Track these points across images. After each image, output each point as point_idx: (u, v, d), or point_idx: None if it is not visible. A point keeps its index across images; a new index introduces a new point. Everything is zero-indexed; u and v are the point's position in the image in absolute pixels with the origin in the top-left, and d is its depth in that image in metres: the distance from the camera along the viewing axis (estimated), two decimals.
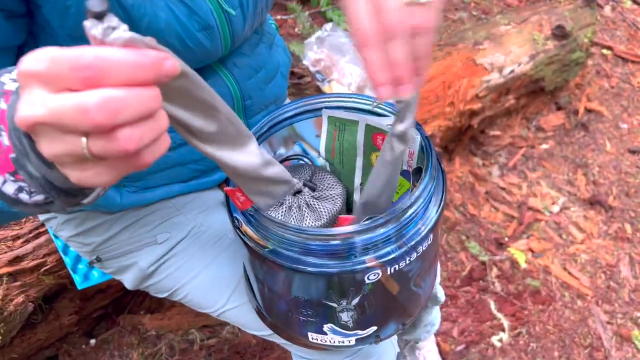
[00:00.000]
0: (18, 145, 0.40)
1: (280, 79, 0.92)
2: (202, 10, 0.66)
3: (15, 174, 0.42)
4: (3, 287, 0.99)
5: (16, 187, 0.43)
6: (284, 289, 0.68)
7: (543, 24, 2.13)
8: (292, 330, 0.74)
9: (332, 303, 0.66)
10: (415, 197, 0.61)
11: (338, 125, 0.75)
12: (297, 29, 2.22)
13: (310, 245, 0.61)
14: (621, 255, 1.98)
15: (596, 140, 2.34)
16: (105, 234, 0.88)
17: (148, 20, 0.62)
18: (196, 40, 0.67)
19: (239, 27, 0.73)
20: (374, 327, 0.70)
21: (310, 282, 0.65)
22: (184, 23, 0.65)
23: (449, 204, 1.95)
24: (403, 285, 0.68)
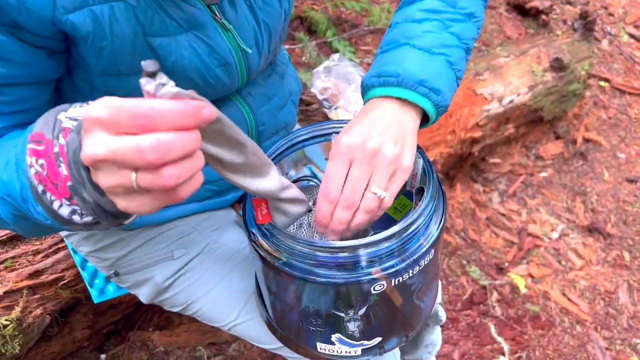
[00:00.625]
0: (76, 175, 0.47)
1: (291, 106, 0.98)
2: (221, 49, 0.73)
3: (71, 199, 0.49)
4: (23, 300, 1.04)
5: (70, 210, 0.50)
6: (295, 299, 0.73)
7: (541, 57, 2.21)
8: (301, 341, 0.79)
9: (340, 313, 0.70)
10: (417, 215, 0.66)
11: None
12: (304, 58, 2.30)
13: (319, 257, 0.66)
14: (620, 282, 2.01)
15: (594, 169, 2.40)
16: (124, 250, 0.93)
17: (174, 58, 0.68)
18: (215, 76, 0.74)
19: (255, 63, 0.79)
20: (378, 338, 0.75)
21: (319, 292, 0.69)
22: (205, 60, 0.71)
23: (450, 229, 2.00)
24: (406, 298, 0.73)
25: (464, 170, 2.07)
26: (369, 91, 0.71)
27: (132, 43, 0.63)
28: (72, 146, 0.47)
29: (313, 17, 2.40)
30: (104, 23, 0.59)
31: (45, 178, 0.49)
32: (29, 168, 0.50)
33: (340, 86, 1.50)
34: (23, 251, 1.08)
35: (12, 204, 0.55)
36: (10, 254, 1.07)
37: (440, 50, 0.69)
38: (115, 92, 0.66)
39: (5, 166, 0.54)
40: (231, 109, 0.85)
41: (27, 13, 0.55)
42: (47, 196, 0.50)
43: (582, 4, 3.31)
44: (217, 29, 0.70)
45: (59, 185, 0.49)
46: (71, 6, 0.56)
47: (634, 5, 3.38)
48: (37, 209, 0.53)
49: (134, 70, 0.66)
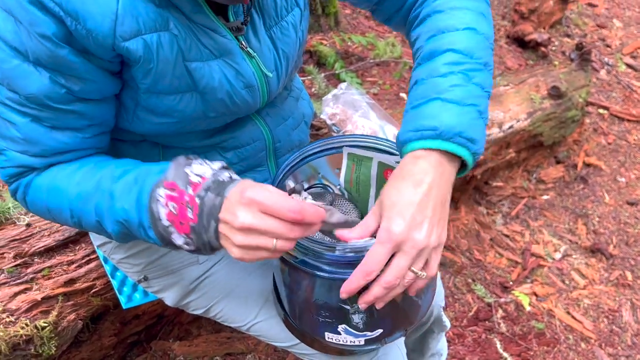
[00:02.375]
0: (205, 224, 0.65)
1: (304, 126, 1.09)
2: (246, 73, 0.84)
3: (188, 235, 0.66)
4: (59, 305, 1.13)
5: (184, 241, 0.67)
6: (308, 293, 0.81)
7: (540, 85, 2.32)
8: (312, 331, 0.87)
9: (346, 306, 0.79)
10: None
11: (356, 161, 0.91)
12: (314, 89, 2.43)
13: (330, 256, 0.75)
14: (623, 301, 2.07)
15: (595, 193, 2.48)
16: (153, 256, 1.02)
17: (206, 80, 0.79)
18: (241, 97, 0.85)
19: (274, 86, 0.90)
20: (380, 330, 0.83)
21: (329, 287, 0.78)
22: (232, 83, 0.82)
23: (455, 249, 2.07)
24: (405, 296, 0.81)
25: (467, 193, 2.16)
26: (407, 145, 0.72)
27: (172, 66, 0.74)
28: (208, 203, 0.65)
29: (322, 51, 2.54)
30: (152, 49, 0.71)
31: (174, 217, 0.66)
32: (162, 207, 0.66)
33: (347, 112, 1.61)
34: (59, 261, 1.18)
35: (126, 226, 0.71)
36: (47, 264, 1.17)
37: (470, 102, 0.71)
38: (155, 108, 0.78)
39: (126, 196, 0.70)
40: (252, 128, 0.96)
41: (94, 41, 0.67)
42: (170, 229, 0.67)
43: (579, 37, 3.45)
44: (243, 56, 0.82)
45: (183, 224, 0.66)
46: (127, 35, 0.68)
47: (630, 37, 3.51)
48: (149, 233, 0.70)
49: (172, 90, 0.77)
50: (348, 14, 3.00)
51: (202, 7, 0.74)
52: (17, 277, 1.13)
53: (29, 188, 0.78)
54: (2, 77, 0.69)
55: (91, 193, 0.73)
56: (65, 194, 0.74)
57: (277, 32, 0.86)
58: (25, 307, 1.09)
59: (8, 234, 1.18)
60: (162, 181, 0.67)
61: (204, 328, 1.51)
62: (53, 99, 0.70)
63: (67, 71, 0.69)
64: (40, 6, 0.63)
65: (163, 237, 0.68)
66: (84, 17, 0.65)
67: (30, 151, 0.74)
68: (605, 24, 3.62)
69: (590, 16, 3.70)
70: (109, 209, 0.72)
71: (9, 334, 1.04)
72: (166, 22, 0.71)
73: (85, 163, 0.77)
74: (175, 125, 0.82)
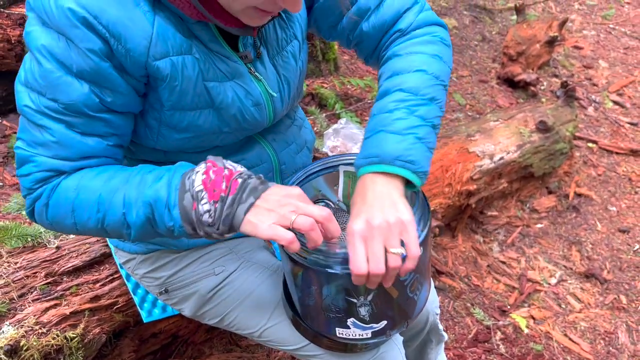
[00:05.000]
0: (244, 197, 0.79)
1: (306, 151, 1.23)
2: (255, 93, 0.99)
3: (215, 203, 0.78)
4: (85, 320, 1.23)
5: (207, 208, 0.78)
6: (317, 290, 0.92)
7: (528, 120, 2.47)
8: (323, 329, 0.97)
9: (353, 299, 0.89)
10: None
11: (351, 177, 1.04)
12: (316, 127, 2.59)
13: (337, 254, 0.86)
14: (618, 324, 2.14)
15: (587, 221, 2.58)
16: (173, 269, 1.13)
17: (221, 98, 0.94)
18: (250, 113, 0.99)
19: (279, 105, 1.05)
20: (385, 322, 0.93)
21: (337, 283, 0.89)
22: (243, 101, 0.97)
23: (454, 276, 2.17)
24: (401, 291, 0.92)
25: (463, 222, 2.27)
26: (360, 169, 0.89)
27: (194, 84, 0.89)
28: (253, 184, 0.79)
29: (323, 94, 2.72)
30: (178, 68, 0.86)
31: (209, 184, 0.78)
32: (200, 175, 0.79)
33: (347, 145, 1.75)
34: (85, 280, 1.29)
35: (151, 209, 0.81)
36: (75, 282, 1.28)
37: (409, 131, 0.87)
38: (178, 124, 0.92)
39: (158, 182, 0.81)
40: (260, 151, 1.09)
41: (130, 59, 0.81)
42: (201, 194, 0.77)
43: (567, 77, 3.64)
44: (251, 78, 0.97)
45: (216, 191, 0.78)
46: (158, 56, 0.83)
47: (616, 76, 3.70)
48: (173, 212, 0.79)
49: (193, 107, 0.91)
50: (347, 59, 3.21)
51: (217, 38, 0.90)
52: (48, 294, 1.23)
53: (54, 191, 0.85)
54: (45, 86, 0.81)
55: (120, 186, 0.82)
56: (94, 189, 0.83)
57: (279, 60, 1.01)
58: (56, 321, 1.19)
59: (40, 255, 1.29)
60: (201, 164, 0.81)
61: (216, 348, 1.59)
62: (89, 106, 0.82)
63: (103, 83, 0.82)
64: (91, 27, 0.78)
65: (186, 211, 0.78)
66: (126, 38, 0.80)
67: (61, 154, 0.85)
68: (591, 64, 3.82)
69: (576, 58, 3.90)
70: (138, 196, 0.81)
71: (42, 343, 1.14)
72: (190, 48, 0.87)
73: (111, 167, 0.87)
74: (194, 140, 0.95)
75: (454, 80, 3.35)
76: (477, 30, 3.89)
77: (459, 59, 3.56)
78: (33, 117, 0.83)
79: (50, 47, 0.79)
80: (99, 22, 0.78)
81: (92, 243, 1.35)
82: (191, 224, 0.79)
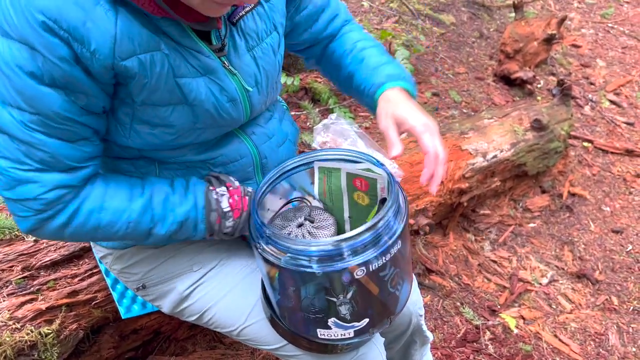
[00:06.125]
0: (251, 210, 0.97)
1: (289, 144, 1.20)
2: (229, 88, 0.96)
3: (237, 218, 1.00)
4: (62, 315, 1.20)
5: (232, 223, 1.00)
6: (296, 292, 0.89)
7: (522, 118, 2.44)
8: (303, 331, 0.94)
9: (332, 298, 0.87)
10: (381, 215, 0.85)
11: (326, 173, 1.02)
12: (309, 123, 2.56)
13: (312, 252, 0.84)
14: (609, 325, 2.12)
15: (581, 221, 2.56)
16: (150, 265, 1.11)
17: (194, 94, 0.91)
18: (226, 109, 0.96)
19: (256, 100, 1.02)
20: (366, 319, 0.91)
21: (315, 282, 0.86)
22: (217, 97, 0.94)
23: (444, 274, 2.14)
24: (381, 287, 0.90)
25: (455, 220, 2.25)
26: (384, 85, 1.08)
27: (164, 81, 0.86)
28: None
29: (316, 88, 2.69)
30: (146, 66, 0.83)
31: (234, 204, 0.99)
32: (226, 198, 0.99)
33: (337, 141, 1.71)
34: (63, 274, 1.27)
35: (182, 225, 0.97)
36: (52, 277, 1.25)
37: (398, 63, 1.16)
38: (150, 119, 0.89)
39: (185, 203, 0.97)
40: (239, 145, 1.06)
41: (97, 62, 0.78)
42: (229, 214, 0.98)
43: (564, 75, 3.62)
44: (225, 73, 0.94)
45: (237, 210, 0.99)
46: (125, 55, 0.80)
47: (614, 75, 3.67)
48: (200, 226, 0.98)
49: (164, 102, 0.89)
50: None
51: (187, 33, 0.87)
52: (24, 288, 1.21)
53: (77, 214, 0.88)
54: (24, 101, 0.78)
55: (147, 205, 0.94)
56: (120, 210, 0.92)
57: (259, 52, 0.99)
58: (31, 316, 1.17)
59: (17, 248, 1.27)
60: (218, 185, 1.00)
61: (199, 345, 1.57)
62: (72, 112, 0.81)
63: (75, 88, 0.80)
64: (52, 32, 0.74)
65: (211, 225, 0.99)
66: (89, 41, 0.76)
67: (61, 167, 0.84)
68: (589, 63, 3.79)
69: (574, 56, 3.88)
70: (167, 215, 0.95)
71: (15, 339, 1.11)
72: (158, 44, 0.84)
73: (120, 183, 0.94)
74: (169, 136, 0.92)
75: (450, 77, 3.32)
76: (474, 27, 3.86)
77: (455, 56, 3.53)
78: (19, 134, 0.80)
79: (16, 60, 0.76)
80: (60, 27, 0.74)
81: None
82: (212, 233, 1.00)
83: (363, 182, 0.99)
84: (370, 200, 1.00)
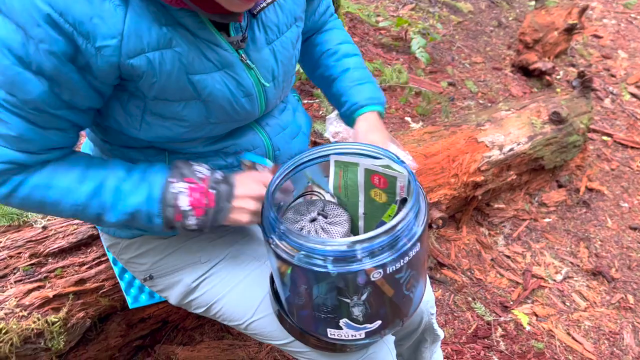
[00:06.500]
0: (222, 206, 0.92)
1: (302, 136, 1.17)
2: (246, 83, 0.92)
3: (201, 216, 0.90)
4: (69, 303, 1.19)
5: (195, 221, 0.90)
6: (308, 290, 0.86)
7: (541, 110, 2.38)
8: (313, 329, 0.92)
9: (346, 299, 0.84)
10: (402, 217, 0.81)
11: (342, 167, 0.98)
12: (321, 111, 2.52)
13: (327, 252, 0.80)
14: (624, 324, 2.07)
15: (598, 217, 2.50)
16: (158, 256, 1.09)
17: (209, 90, 0.87)
18: (241, 105, 0.93)
19: (272, 95, 0.99)
20: (379, 321, 0.88)
21: (329, 282, 0.83)
22: (233, 92, 0.91)
23: (457, 269, 2.11)
24: (396, 289, 0.87)
25: (469, 214, 2.20)
26: (366, 107, 1.16)
27: (176, 79, 0.83)
28: (224, 192, 0.91)
29: None
30: (155, 65, 0.80)
31: (195, 203, 0.88)
32: (185, 197, 0.88)
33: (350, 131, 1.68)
34: (71, 262, 1.25)
35: (132, 217, 0.89)
36: (60, 264, 1.24)
37: (375, 82, 1.21)
38: (162, 113, 0.86)
39: (136, 192, 0.88)
40: (252, 136, 1.03)
41: (101, 59, 0.75)
42: (189, 212, 0.88)
43: (584, 67, 3.53)
44: (243, 67, 0.90)
45: (200, 208, 0.89)
46: (132, 53, 0.77)
47: (635, 67, 3.58)
48: (155, 220, 0.89)
49: (177, 98, 0.86)
50: (357, 41, 3.12)
51: (205, 24, 0.83)
52: (31, 275, 1.20)
53: (21, 186, 0.83)
54: (3, 81, 0.75)
55: (95, 190, 0.87)
56: (66, 189, 0.85)
57: (278, 46, 0.95)
58: (38, 303, 1.16)
59: (25, 235, 1.26)
60: (179, 178, 0.89)
61: (207, 334, 1.56)
62: (49, 104, 0.78)
63: (63, 83, 0.76)
64: (55, 26, 0.71)
65: (169, 221, 0.89)
66: (95, 37, 0.73)
67: (23, 148, 0.81)
68: (610, 54, 3.70)
69: (595, 47, 3.78)
70: (116, 204, 0.88)
71: (22, 327, 1.11)
72: (169, 41, 0.80)
73: (77, 162, 0.87)
74: (181, 129, 0.90)
75: (467, 66, 3.26)
76: (493, 16, 3.78)
77: (472, 45, 3.46)
78: None
79: (7, 41, 0.73)
80: (65, 20, 0.71)
81: (79, 224, 1.31)
82: (172, 228, 0.91)
83: (382, 179, 0.95)
84: (388, 198, 0.97)
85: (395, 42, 3.22)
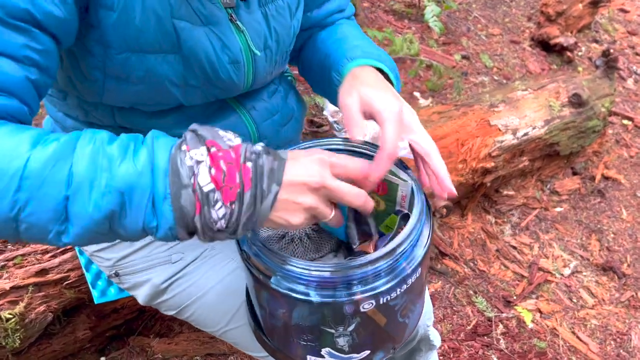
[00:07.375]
0: (265, 189, 0.57)
1: (294, 123, 1.02)
2: (233, 47, 0.78)
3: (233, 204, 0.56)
4: (28, 296, 1.08)
5: (223, 213, 0.56)
6: (286, 315, 0.73)
7: (560, 92, 2.21)
8: (291, 353, 0.80)
9: (330, 329, 0.71)
10: (403, 238, 0.68)
11: None
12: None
13: (311, 277, 0.67)
14: (633, 324, 1.96)
15: (612, 208, 2.36)
16: (125, 251, 0.97)
17: (191, 44, 0.73)
18: (226, 71, 0.79)
19: (261, 67, 0.84)
20: (367, 351, 0.75)
21: (310, 310, 0.70)
22: (218, 54, 0.77)
23: (459, 259, 1.99)
24: (390, 317, 0.74)
25: (475, 201, 2.07)
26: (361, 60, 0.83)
27: (157, 20, 0.69)
28: (267, 166, 0.57)
29: None
30: None
31: (223, 180, 0.55)
32: (206, 167, 0.55)
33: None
34: (32, 250, 1.13)
35: (122, 199, 0.54)
36: (20, 252, 1.12)
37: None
38: (132, 72, 0.71)
39: (130, 159, 0.55)
40: (236, 121, 0.89)
41: None
42: (214, 196, 0.55)
43: (608, 43, 3.31)
44: (231, 28, 0.77)
45: (232, 189, 0.55)
46: None
47: None
48: (162, 208, 0.54)
49: (156, 48, 0.72)
50: (367, 7, 2.92)
51: None
52: None
53: None
54: None
55: (60, 153, 0.54)
56: (13, 154, 0.53)
57: (272, 10, 0.82)
58: None
59: None
60: (196, 142, 0.57)
61: (186, 325, 1.45)
62: (6, 7, 0.56)
63: None
64: None
65: (183, 214, 0.55)
66: None
67: None
68: (636, 30, 3.48)
69: (621, 22, 3.55)
70: (99, 175, 0.54)
71: None
72: None
73: (29, 128, 0.58)
74: (152, 94, 0.76)
75: (483, 38, 3.05)
76: None
77: (490, 15, 3.24)
78: None
79: None
80: None
81: None
82: (187, 228, 0.57)
83: (382, 184, 0.81)
84: (386, 206, 0.82)
85: (407, 9, 3.01)
